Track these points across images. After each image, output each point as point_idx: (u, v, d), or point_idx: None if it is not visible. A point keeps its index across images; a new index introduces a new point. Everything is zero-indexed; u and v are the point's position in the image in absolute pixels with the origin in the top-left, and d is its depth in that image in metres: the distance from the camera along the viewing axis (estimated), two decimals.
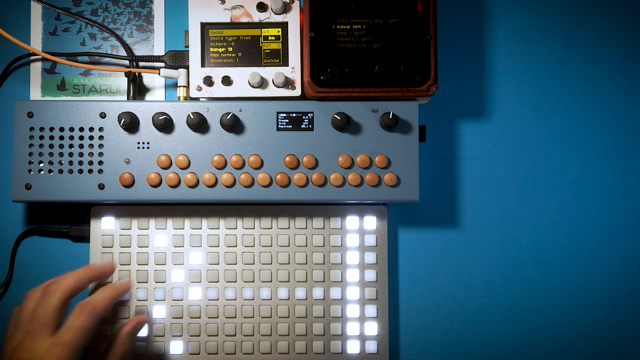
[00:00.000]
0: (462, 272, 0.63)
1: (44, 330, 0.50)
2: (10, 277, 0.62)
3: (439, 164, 0.63)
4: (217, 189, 0.57)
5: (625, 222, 0.63)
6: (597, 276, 0.63)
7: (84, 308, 0.52)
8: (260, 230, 0.60)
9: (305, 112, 0.57)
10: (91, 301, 0.53)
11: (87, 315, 0.52)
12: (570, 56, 0.64)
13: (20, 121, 0.57)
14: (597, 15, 0.64)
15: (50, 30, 0.64)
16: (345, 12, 0.56)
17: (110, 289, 0.56)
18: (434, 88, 0.56)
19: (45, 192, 0.56)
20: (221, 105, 0.57)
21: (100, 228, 0.60)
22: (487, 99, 0.64)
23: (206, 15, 0.58)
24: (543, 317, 0.62)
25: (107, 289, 0.56)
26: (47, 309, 0.51)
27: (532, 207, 0.63)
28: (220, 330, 0.60)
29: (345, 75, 0.56)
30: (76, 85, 0.63)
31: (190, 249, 0.60)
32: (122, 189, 0.57)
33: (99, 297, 0.54)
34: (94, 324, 0.52)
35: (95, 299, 0.53)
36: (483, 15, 0.64)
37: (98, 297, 0.54)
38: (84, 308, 0.52)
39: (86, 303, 0.52)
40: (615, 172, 0.63)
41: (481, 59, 0.64)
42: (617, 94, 0.64)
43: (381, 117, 0.57)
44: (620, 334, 0.63)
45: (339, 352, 0.60)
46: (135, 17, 0.64)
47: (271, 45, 0.58)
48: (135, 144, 0.57)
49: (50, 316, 0.51)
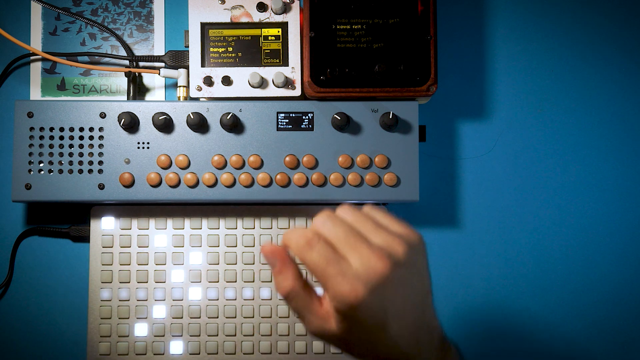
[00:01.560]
0: (462, 272, 0.63)
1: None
2: (10, 277, 0.62)
3: (439, 164, 0.63)
4: (217, 189, 0.57)
5: (625, 222, 0.63)
6: (597, 276, 0.63)
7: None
8: (260, 230, 0.60)
9: (305, 112, 0.57)
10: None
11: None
12: (570, 56, 0.64)
13: (20, 121, 0.57)
14: (597, 15, 0.64)
15: (50, 30, 0.64)
16: (345, 12, 0.56)
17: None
18: (434, 88, 0.56)
19: (45, 192, 0.56)
20: (221, 105, 0.57)
21: (100, 228, 0.60)
22: (487, 99, 0.64)
23: (206, 15, 0.58)
24: (543, 316, 0.62)
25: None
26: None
27: (532, 207, 0.63)
28: (220, 330, 0.60)
29: (345, 75, 0.56)
30: (76, 85, 0.63)
31: (190, 249, 0.60)
32: (122, 189, 0.57)
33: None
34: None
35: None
36: (483, 15, 0.64)
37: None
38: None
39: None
40: (615, 172, 0.63)
41: (481, 59, 0.64)
42: (617, 94, 0.64)
43: (381, 117, 0.57)
44: (620, 334, 0.63)
45: (339, 352, 0.60)
46: (135, 17, 0.64)
47: (271, 45, 0.58)
48: (135, 144, 0.57)
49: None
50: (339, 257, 0.44)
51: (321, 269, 0.44)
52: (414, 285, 0.46)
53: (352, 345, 0.46)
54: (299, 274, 0.46)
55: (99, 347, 0.59)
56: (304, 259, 0.44)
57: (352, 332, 0.45)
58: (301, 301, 0.46)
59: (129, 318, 0.59)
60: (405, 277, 0.45)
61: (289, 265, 0.46)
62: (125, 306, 0.59)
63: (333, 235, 0.45)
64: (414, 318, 0.46)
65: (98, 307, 0.59)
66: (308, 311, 0.46)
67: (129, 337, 0.59)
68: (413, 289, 0.46)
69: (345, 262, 0.44)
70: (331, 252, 0.44)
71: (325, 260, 0.44)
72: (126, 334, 0.59)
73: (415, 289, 0.46)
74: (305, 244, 0.44)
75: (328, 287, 0.44)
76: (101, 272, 0.60)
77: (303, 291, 0.46)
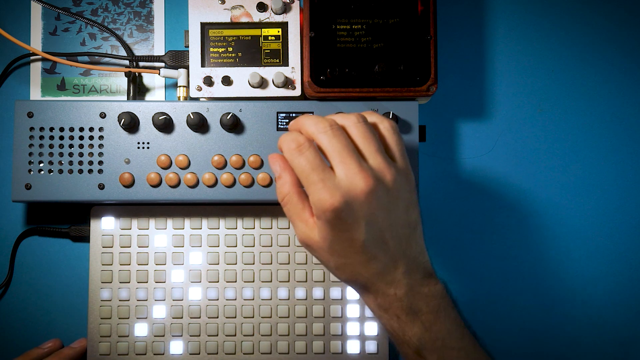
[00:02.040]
0: (462, 272, 0.63)
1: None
2: (10, 277, 0.62)
3: (439, 164, 0.63)
4: (217, 189, 0.57)
5: (625, 222, 0.63)
6: (597, 276, 0.63)
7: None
8: (260, 230, 0.60)
9: (305, 112, 0.57)
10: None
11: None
12: (570, 56, 0.64)
13: (20, 121, 0.57)
14: (597, 15, 0.64)
15: (50, 30, 0.64)
16: (345, 12, 0.56)
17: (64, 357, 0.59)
18: (434, 88, 0.56)
19: (45, 192, 0.56)
20: (221, 105, 0.57)
21: (100, 228, 0.60)
22: (487, 99, 0.64)
23: (206, 15, 0.58)
24: (543, 316, 0.62)
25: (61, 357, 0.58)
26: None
27: (532, 207, 0.63)
28: (220, 330, 0.60)
29: (345, 75, 0.56)
30: (76, 85, 0.63)
31: (190, 249, 0.60)
32: (122, 189, 0.57)
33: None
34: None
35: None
36: (483, 15, 0.64)
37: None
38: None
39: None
40: (615, 172, 0.63)
41: (481, 59, 0.64)
42: (617, 94, 0.64)
43: None
44: (620, 333, 0.63)
45: (339, 352, 0.60)
46: (135, 17, 0.64)
47: (271, 45, 0.58)
48: (135, 144, 0.57)
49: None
50: (325, 166, 0.44)
51: (306, 174, 0.44)
52: (398, 215, 0.46)
53: (330, 256, 0.46)
54: (297, 182, 0.46)
55: (99, 347, 0.59)
56: (292, 163, 0.45)
57: (329, 241, 0.45)
58: (294, 208, 0.47)
59: (129, 318, 0.59)
60: (388, 203, 0.45)
61: (288, 172, 0.47)
62: (125, 306, 0.59)
63: (328, 146, 0.45)
64: (395, 244, 0.46)
65: (98, 307, 0.59)
66: (298, 218, 0.47)
67: (129, 337, 0.59)
68: (397, 218, 0.46)
69: (330, 172, 0.44)
70: (319, 160, 0.45)
71: (310, 167, 0.44)
72: (126, 334, 0.59)
73: (398, 218, 0.46)
74: (295, 148, 0.45)
75: (310, 193, 0.44)
76: (101, 272, 0.60)
77: (298, 198, 0.47)
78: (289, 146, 0.45)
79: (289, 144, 0.45)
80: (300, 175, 0.45)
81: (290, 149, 0.45)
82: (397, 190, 0.46)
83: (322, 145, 0.45)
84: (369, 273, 0.46)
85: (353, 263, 0.46)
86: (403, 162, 0.47)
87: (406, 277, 0.46)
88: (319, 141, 0.45)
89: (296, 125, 0.47)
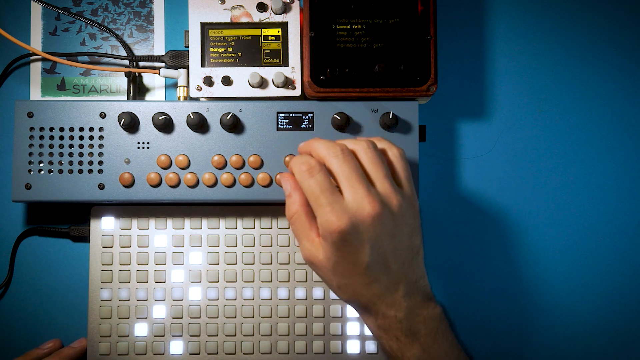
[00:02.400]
0: (461, 272, 0.63)
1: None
2: (10, 277, 0.62)
3: (439, 164, 0.63)
4: (217, 189, 0.57)
5: (625, 222, 0.63)
6: (597, 276, 0.63)
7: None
8: (260, 230, 0.60)
9: (305, 112, 0.57)
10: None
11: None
12: (570, 56, 0.64)
13: (20, 121, 0.57)
14: (597, 15, 0.64)
15: (50, 30, 0.64)
16: (345, 12, 0.56)
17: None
18: (434, 88, 0.56)
19: (45, 192, 0.56)
20: (221, 105, 0.57)
21: (100, 228, 0.60)
22: (487, 99, 0.64)
23: (206, 15, 0.58)
24: (543, 317, 0.62)
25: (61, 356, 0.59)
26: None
27: (532, 207, 0.63)
28: (220, 330, 0.60)
29: (345, 75, 0.56)
30: (76, 85, 0.63)
31: (190, 249, 0.60)
32: (122, 189, 0.57)
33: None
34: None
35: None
36: (483, 15, 0.64)
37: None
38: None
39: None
40: (615, 172, 0.63)
41: (481, 59, 0.64)
42: (617, 94, 0.64)
43: (381, 117, 0.57)
44: (620, 334, 0.63)
45: (339, 352, 0.60)
46: (135, 17, 0.64)
47: (271, 45, 0.58)
48: (135, 144, 0.57)
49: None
50: (334, 190, 0.46)
51: (315, 196, 0.46)
52: (402, 240, 0.48)
53: (333, 275, 0.47)
54: (305, 202, 0.48)
55: (99, 347, 0.59)
56: (302, 185, 0.47)
57: (333, 261, 0.46)
58: (301, 226, 0.48)
59: (129, 318, 0.59)
60: (393, 228, 0.47)
61: (298, 192, 0.48)
62: (125, 306, 0.59)
63: (338, 170, 0.46)
64: (397, 268, 0.47)
65: (98, 307, 0.59)
66: (305, 236, 0.48)
67: (129, 337, 0.59)
68: (400, 242, 0.47)
69: (339, 195, 0.46)
70: (328, 183, 0.46)
71: (320, 189, 0.46)
72: (126, 334, 0.59)
73: (402, 243, 0.48)
74: (306, 170, 0.46)
75: (318, 214, 0.46)
76: (101, 272, 0.60)
77: (306, 217, 0.48)
78: (300, 168, 0.47)
79: (300, 166, 0.47)
80: (309, 197, 0.46)
81: (301, 171, 0.46)
82: (402, 216, 0.47)
83: (332, 169, 0.47)
84: (370, 294, 0.47)
85: (355, 284, 0.47)
86: (409, 188, 0.49)
87: (406, 299, 0.47)
88: (330, 164, 0.47)
89: (307, 148, 0.49)
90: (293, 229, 0.49)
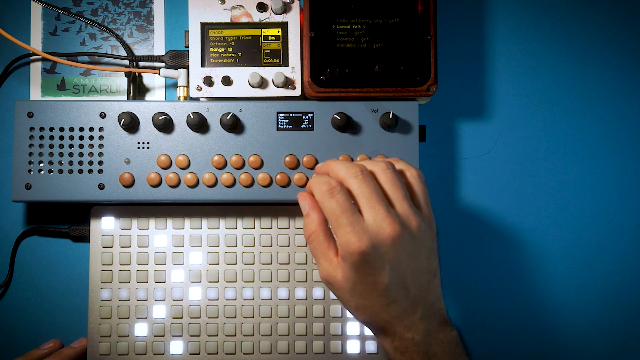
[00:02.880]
0: (461, 271, 0.63)
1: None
2: (10, 277, 0.62)
3: (439, 164, 0.63)
4: (217, 189, 0.57)
5: (625, 222, 0.63)
6: (597, 276, 0.63)
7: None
8: (260, 230, 0.60)
9: (305, 112, 0.57)
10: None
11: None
12: (570, 56, 0.64)
13: (20, 121, 0.57)
14: (597, 15, 0.64)
15: (50, 30, 0.64)
16: (345, 12, 0.56)
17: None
18: (434, 88, 0.56)
19: (45, 192, 0.56)
20: (221, 105, 0.57)
21: (100, 228, 0.60)
22: (487, 99, 0.64)
23: (206, 15, 0.58)
24: (543, 316, 0.62)
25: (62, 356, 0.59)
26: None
27: (532, 207, 0.63)
28: (220, 330, 0.60)
29: (345, 75, 0.56)
30: (76, 85, 0.63)
31: (190, 249, 0.60)
32: (122, 189, 0.57)
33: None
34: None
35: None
36: (483, 15, 0.64)
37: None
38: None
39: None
40: (615, 172, 0.63)
41: (481, 59, 0.64)
42: (617, 94, 0.64)
43: (381, 117, 0.57)
44: (620, 334, 0.63)
45: (339, 352, 0.60)
46: (135, 17, 0.64)
47: (271, 45, 0.58)
48: (135, 144, 0.57)
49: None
50: (354, 210, 0.46)
51: (335, 216, 0.46)
52: (420, 262, 0.48)
53: (350, 296, 0.48)
54: (324, 221, 0.48)
55: (99, 347, 0.59)
56: (322, 205, 0.47)
57: (352, 282, 0.47)
58: (319, 246, 0.49)
59: (129, 318, 0.59)
60: (412, 249, 0.47)
61: (316, 212, 0.48)
62: (125, 306, 0.59)
63: (358, 190, 0.47)
64: (416, 290, 0.48)
65: (98, 307, 0.59)
66: (323, 256, 0.48)
67: (129, 337, 0.59)
68: (418, 264, 0.48)
69: (359, 216, 0.46)
70: (349, 204, 0.47)
71: (341, 209, 0.46)
72: (126, 334, 0.59)
73: (420, 265, 0.48)
74: (327, 191, 0.47)
75: (338, 235, 0.46)
76: (101, 272, 0.60)
77: (324, 237, 0.48)
78: (321, 188, 0.47)
79: (321, 186, 0.47)
80: (329, 217, 0.47)
81: (322, 192, 0.47)
82: (421, 238, 0.48)
83: (352, 189, 0.47)
84: (388, 316, 0.47)
85: (373, 305, 0.47)
86: (427, 210, 0.50)
87: (424, 322, 0.47)
88: (350, 185, 0.47)
89: (325, 169, 0.50)
90: (311, 248, 0.49)
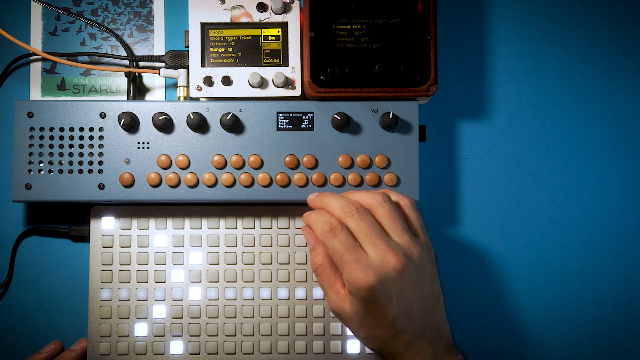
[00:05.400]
0: (461, 271, 0.63)
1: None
2: (10, 277, 0.62)
3: (439, 164, 0.63)
4: (217, 189, 0.57)
5: (625, 222, 0.63)
6: (597, 276, 0.63)
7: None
8: (260, 230, 0.60)
9: (305, 112, 0.57)
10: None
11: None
12: (570, 56, 0.64)
13: (20, 121, 0.57)
14: (597, 15, 0.64)
15: (50, 30, 0.64)
16: (345, 12, 0.56)
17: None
18: (434, 88, 0.56)
19: (45, 192, 0.56)
20: (221, 105, 0.57)
21: (100, 228, 0.60)
22: (487, 99, 0.64)
23: (206, 15, 0.58)
24: (543, 317, 0.62)
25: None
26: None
27: (532, 207, 0.63)
28: (220, 330, 0.60)
29: (345, 75, 0.56)
30: (76, 85, 0.63)
31: (190, 249, 0.60)
32: (122, 189, 0.57)
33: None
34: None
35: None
36: (483, 15, 0.64)
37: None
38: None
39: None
40: (615, 172, 0.63)
41: (481, 59, 0.64)
42: (617, 94, 0.64)
43: (381, 117, 0.57)
44: (620, 334, 0.63)
45: (339, 352, 0.60)
46: (135, 17, 0.64)
47: (271, 45, 0.58)
48: (135, 144, 0.57)
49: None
50: (357, 247, 0.48)
51: (339, 254, 0.48)
52: (424, 289, 0.49)
53: (360, 328, 0.49)
54: (328, 254, 0.50)
55: (99, 347, 0.59)
56: (325, 244, 0.49)
57: (361, 314, 0.48)
58: (327, 278, 0.51)
59: (129, 318, 0.59)
60: (416, 278, 0.48)
61: (321, 245, 0.50)
62: (125, 306, 0.59)
63: (356, 228, 0.48)
64: (422, 317, 0.49)
65: (98, 307, 0.59)
66: (331, 288, 0.50)
67: (129, 337, 0.59)
68: (423, 292, 0.49)
69: (363, 252, 0.48)
70: (351, 241, 0.48)
71: (344, 248, 0.48)
72: (126, 334, 0.59)
73: (424, 292, 0.50)
74: (329, 231, 0.48)
75: (344, 272, 0.48)
76: (101, 272, 0.60)
77: (330, 269, 0.50)
78: (323, 228, 0.49)
79: (322, 226, 0.49)
80: (334, 256, 0.49)
81: (324, 232, 0.49)
82: (423, 265, 0.49)
83: (350, 228, 0.49)
84: (397, 344, 0.49)
85: (383, 335, 0.49)
86: (424, 237, 0.52)
87: (431, 346, 0.49)
88: (347, 224, 0.49)
89: (320, 204, 0.51)
90: (319, 280, 0.51)
